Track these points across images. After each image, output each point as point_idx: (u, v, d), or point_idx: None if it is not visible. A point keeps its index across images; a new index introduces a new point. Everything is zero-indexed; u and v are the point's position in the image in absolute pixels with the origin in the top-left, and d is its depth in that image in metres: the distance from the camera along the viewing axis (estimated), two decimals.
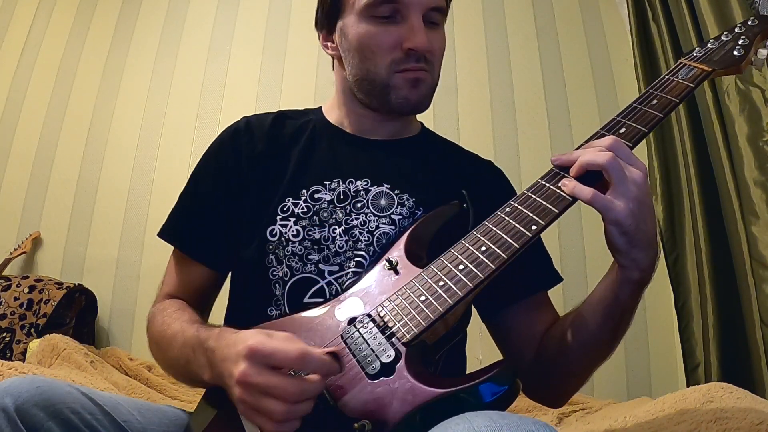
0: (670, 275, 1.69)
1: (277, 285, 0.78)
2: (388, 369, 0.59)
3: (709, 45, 0.75)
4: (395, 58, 0.80)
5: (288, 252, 0.79)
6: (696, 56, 0.74)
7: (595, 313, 0.71)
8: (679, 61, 0.74)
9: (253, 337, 0.58)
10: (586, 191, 0.61)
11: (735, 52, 0.72)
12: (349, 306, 0.69)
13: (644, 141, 1.91)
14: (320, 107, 0.97)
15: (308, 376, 0.55)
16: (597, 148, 0.62)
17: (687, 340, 1.62)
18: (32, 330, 1.84)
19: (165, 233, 0.87)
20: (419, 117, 0.97)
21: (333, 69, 0.94)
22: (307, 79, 2.22)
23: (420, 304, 0.63)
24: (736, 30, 0.75)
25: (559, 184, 0.64)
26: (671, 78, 0.71)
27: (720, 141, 1.52)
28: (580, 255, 1.88)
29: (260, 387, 0.55)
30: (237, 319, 0.84)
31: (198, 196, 0.88)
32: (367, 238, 0.79)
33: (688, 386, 1.24)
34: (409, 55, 0.80)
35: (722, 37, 0.75)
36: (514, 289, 0.82)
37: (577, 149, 0.66)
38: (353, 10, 0.82)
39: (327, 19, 0.88)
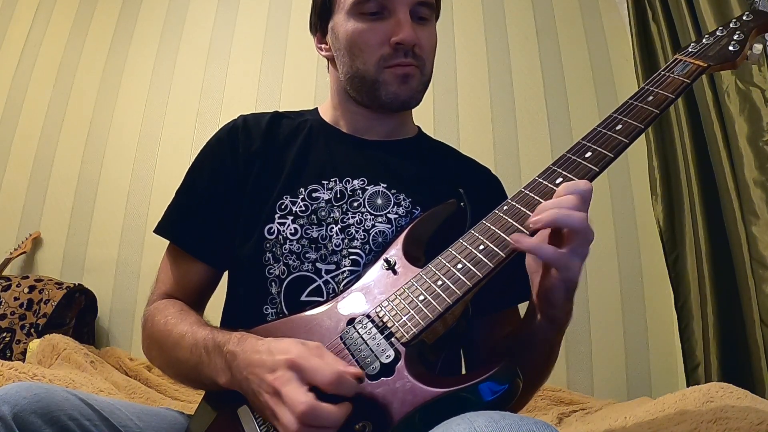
0: (670, 275, 1.69)
1: (273, 283, 0.78)
2: (387, 369, 0.59)
3: (704, 40, 0.75)
4: (384, 54, 0.81)
5: (285, 250, 0.79)
6: (691, 52, 0.73)
7: (527, 351, 0.71)
8: (675, 56, 0.74)
9: (295, 349, 0.58)
10: (548, 251, 0.59)
11: (730, 48, 0.71)
12: (348, 307, 0.69)
13: (644, 141, 1.92)
14: (316, 108, 0.97)
15: (326, 405, 0.54)
16: (569, 203, 0.59)
17: (687, 340, 1.62)
18: (32, 330, 1.84)
19: (161, 229, 0.87)
20: (419, 117, 0.97)
21: (328, 71, 0.94)
22: (307, 80, 2.22)
23: (419, 303, 0.63)
24: (731, 25, 0.74)
25: (516, 233, 0.62)
26: (667, 74, 0.71)
27: (720, 141, 1.52)
28: None
29: (281, 396, 0.55)
30: (233, 317, 0.84)
31: (195, 193, 0.88)
32: (362, 237, 0.79)
33: (688, 386, 1.24)
34: (396, 49, 0.80)
35: (717, 33, 0.75)
36: (485, 303, 0.79)
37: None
38: (342, 8, 0.83)
39: (320, 21, 0.89)
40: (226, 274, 0.89)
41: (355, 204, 0.82)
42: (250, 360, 0.61)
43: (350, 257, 0.78)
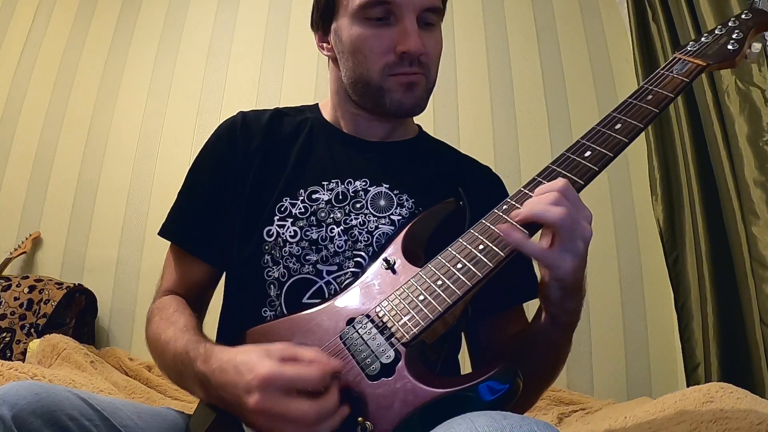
0: (670, 275, 1.69)
1: (272, 286, 0.78)
2: (388, 370, 0.59)
3: (703, 39, 0.74)
4: (389, 62, 0.79)
5: (285, 253, 0.78)
6: (690, 50, 0.73)
7: (532, 351, 0.71)
8: (674, 55, 0.73)
9: (262, 365, 0.56)
10: (534, 248, 0.59)
11: (729, 46, 0.71)
12: (347, 306, 0.69)
13: (644, 141, 1.92)
14: (317, 104, 0.96)
15: (324, 397, 0.55)
16: (547, 198, 0.59)
17: (687, 340, 1.62)
18: (32, 330, 1.84)
19: (164, 231, 0.87)
20: (419, 117, 0.97)
21: (329, 67, 0.93)
22: (307, 79, 2.22)
23: (419, 303, 0.63)
24: (730, 24, 0.74)
25: (499, 231, 0.62)
26: (666, 73, 0.70)
27: (720, 141, 1.52)
28: None
29: (280, 414, 0.54)
30: (231, 319, 0.84)
31: (195, 191, 0.87)
32: (366, 238, 0.79)
33: (688, 386, 1.24)
34: (402, 58, 0.78)
35: (716, 31, 0.74)
36: (488, 302, 0.79)
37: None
38: (347, 11, 0.80)
39: (322, 20, 0.87)
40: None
41: (358, 205, 0.81)
42: (220, 381, 0.60)
43: (354, 259, 0.78)
